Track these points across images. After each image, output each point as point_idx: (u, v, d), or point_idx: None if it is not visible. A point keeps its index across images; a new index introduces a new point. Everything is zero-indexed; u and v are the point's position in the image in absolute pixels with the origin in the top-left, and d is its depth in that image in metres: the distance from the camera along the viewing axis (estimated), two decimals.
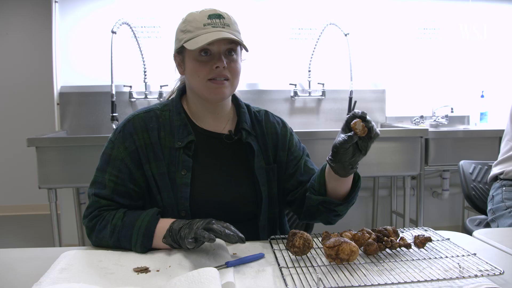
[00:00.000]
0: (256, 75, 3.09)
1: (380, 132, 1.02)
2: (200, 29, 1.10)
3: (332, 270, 0.92)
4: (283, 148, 1.26)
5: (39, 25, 3.89)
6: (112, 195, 1.12)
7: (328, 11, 3.15)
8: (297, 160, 1.27)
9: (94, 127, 2.90)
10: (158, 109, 1.20)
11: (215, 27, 1.10)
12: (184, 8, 2.85)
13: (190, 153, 1.15)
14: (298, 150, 1.29)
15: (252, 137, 1.22)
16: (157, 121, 1.17)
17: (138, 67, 2.92)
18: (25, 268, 0.98)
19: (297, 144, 1.30)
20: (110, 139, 1.17)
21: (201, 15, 1.12)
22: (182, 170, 1.13)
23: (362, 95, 3.14)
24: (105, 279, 0.90)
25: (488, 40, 3.38)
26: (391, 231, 1.06)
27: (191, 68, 1.14)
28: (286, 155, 1.26)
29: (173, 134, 1.16)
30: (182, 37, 1.13)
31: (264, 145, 1.24)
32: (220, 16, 1.12)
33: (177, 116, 1.18)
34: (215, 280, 0.82)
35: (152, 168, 1.14)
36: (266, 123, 1.27)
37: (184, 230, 0.98)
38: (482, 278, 0.87)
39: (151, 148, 1.14)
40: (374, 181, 3.20)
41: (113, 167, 1.13)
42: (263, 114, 1.29)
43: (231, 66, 1.13)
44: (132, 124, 1.16)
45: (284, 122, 1.32)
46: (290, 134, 1.30)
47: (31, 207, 4.05)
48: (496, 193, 1.68)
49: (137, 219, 1.06)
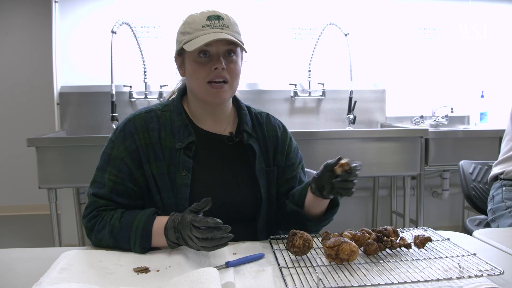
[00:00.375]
0: (256, 75, 3.09)
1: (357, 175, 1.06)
2: (199, 31, 1.10)
3: (332, 270, 0.92)
4: (282, 152, 1.27)
5: (39, 25, 3.89)
6: (110, 194, 1.11)
7: (328, 11, 3.15)
8: (294, 166, 1.28)
9: (94, 127, 2.90)
10: (159, 109, 1.20)
11: (213, 28, 1.10)
12: (184, 8, 2.86)
13: (190, 154, 1.15)
14: (295, 157, 1.30)
15: (253, 139, 1.22)
16: (158, 121, 1.17)
17: (138, 67, 2.92)
18: (25, 268, 0.98)
19: (295, 150, 1.31)
20: (110, 138, 1.17)
21: (201, 16, 1.12)
22: (183, 171, 1.13)
23: (362, 95, 3.14)
24: (105, 279, 0.90)
25: (488, 40, 3.38)
26: (391, 231, 1.06)
27: (190, 70, 1.14)
28: (284, 160, 1.27)
29: (174, 134, 1.16)
30: (182, 38, 1.13)
31: (265, 148, 1.24)
32: (219, 17, 1.12)
33: (177, 116, 1.18)
34: (215, 280, 0.82)
35: (152, 168, 1.14)
36: (268, 126, 1.28)
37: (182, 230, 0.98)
38: (482, 278, 0.87)
39: (152, 148, 1.14)
40: (374, 181, 3.20)
41: (113, 167, 1.13)
42: (264, 116, 1.30)
43: (230, 67, 1.13)
44: (133, 123, 1.16)
45: (284, 127, 1.33)
46: (290, 139, 1.31)
47: (31, 207, 4.05)
48: (496, 193, 1.68)
49: (134, 219, 1.06)
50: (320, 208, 1.16)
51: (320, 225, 1.18)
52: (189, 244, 0.97)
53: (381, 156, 2.61)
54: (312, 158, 2.55)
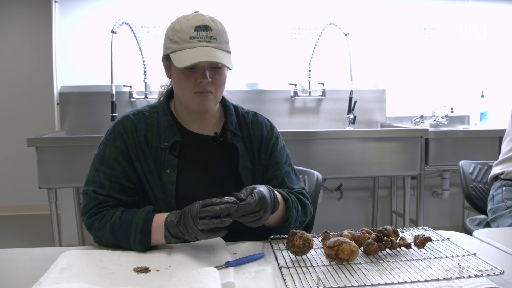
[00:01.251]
0: (256, 75, 3.09)
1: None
2: (186, 43, 1.11)
3: (332, 270, 0.92)
4: (265, 151, 1.27)
5: (39, 25, 3.89)
6: (109, 191, 1.14)
7: (328, 11, 3.15)
8: (278, 166, 1.27)
9: (94, 127, 2.90)
10: (146, 111, 1.24)
11: (201, 41, 1.10)
12: (184, 9, 2.86)
13: (175, 153, 1.18)
14: (280, 156, 1.29)
15: (237, 138, 1.24)
16: (145, 122, 1.21)
17: (138, 67, 2.92)
18: (25, 268, 0.99)
19: (281, 150, 1.30)
20: (102, 141, 1.21)
21: (189, 24, 1.12)
22: (168, 169, 1.17)
23: (362, 95, 3.14)
24: (105, 279, 0.90)
25: (488, 40, 3.38)
26: (391, 231, 1.06)
27: (176, 79, 1.17)
28: (267, 159, 1.27)
29: (160, 135, 1.19)
30: (169, 46, 1.15)
31: (250, 146, 1.25)
32: (207, 27, 1.11)
33: (164, 117, 1.21)
34: (215, 280, 0.82)
35: (143, 166, 1.17)
36: (253, 125, 1.29)
37: (185, 220, 0.99)
38: (482, 278, 0.87)
39: (140, 147, 1.18)
40: (374, 181, 3.20)
41: (107, 167, 1.16)
42: (251, 115, 1.31)
43: (215, 78, 1.14)
44: (122, 124, 1.20)
45: (272, 125, 1.33)
46: (275, 138, 1.30)
47: (31, 207, 4.05)
48: (497, 192, 1.68)
49: (134, 217, 1.08)
50: (273, 221, 1.15)
51: (280, 232, 1.16)
52: (188, 231, 0.97)
53: (381, 156, 2.61)
54: (312, 158, 2.55)
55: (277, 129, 1.34)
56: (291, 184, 1.27)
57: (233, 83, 3.01)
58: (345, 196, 3.17)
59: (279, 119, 3.05)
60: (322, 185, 2.80)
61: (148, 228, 1.05)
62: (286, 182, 1.27)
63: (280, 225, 1.17)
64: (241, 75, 3.07)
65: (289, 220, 1.15)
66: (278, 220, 1.16)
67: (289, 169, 1.30)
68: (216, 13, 1.21)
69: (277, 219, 1.15)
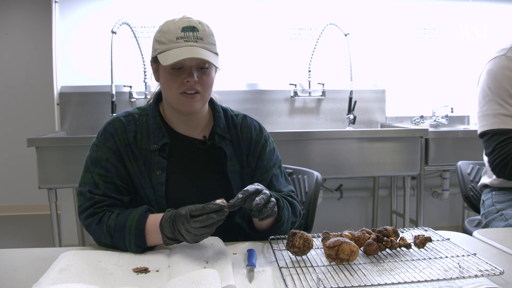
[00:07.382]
0: (256, 75, 3.09)
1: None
2: (173, 43, 1.11)
3: (332, 270, 0.92)
4: (253, 154, 1.27)
5: (39, 25, 3.89)
6: (104, 191, 1.14)
7: (328, 11, 3.15)
8: (266, 169, 1.27)
9: (94, 127, 2.89)
10: (136, 113, 1.24)
11: (187, 41, 1.11)
12: (184, 9, 2.86)
13: (165, 154, 1.19)
14: (269, 159, 1.28)
15: (226, 141, 1.24)
16: (135, 124, 1.22)
17: (138, 67, 2.92)
18: (25, 268, 0.99)
19: (269, 152, 1.30)
20: (93, 143, 1.21)
21: (176, 26, 1.13)
22: (157, 170, 1.17)
23: (362, 95, 3.14)
24: (104, 280, 0.90)
25: (488, 40, 3.38)
26: (391, 231, 1.06)
27: (163, 80, 1.17)
28: (255, 162, 1.27)
29: (149, 137, 1.20)
30: (157, 47, 1.15)
31: (239, 149, 1.26)
32: (194, 28, 1.12)
33: (153, 120, 1.22)
34: (215, 281, 0.82)
35: (133, 166, 1.18)
36: (242, 128, 1.29)
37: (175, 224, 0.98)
38: (482, 278, 0.87)
39: (130, 148, 1.18)
40: (374, 181, 3.20)
41: (100, 168, 1.16)
42: (240, 118, 1.31)
43: (202, 79, 1.15)
44: (113, 126, 1.20)
45: (261, 128, 1.33)
46: (264, 141, 1.30)
47: (31, 207, 4.05)
48: (487, 197, 1.68)
49: (127, 219, 1.07)
50: (262, 225, 1.16)
51: (273, 234, 1.15)
52: (185, 238, 0.97)
53: (381, 156, 2.61)
54: (312, 158, 2.55)
55: (267, 132, 1.34)
56: (280, 187, 1.27)
57: (233, 83, 3.01)
58: (345, 196, 3.16)
59: (279, 119, 3.05)
60: (322, 185, 2.81)
61: (142, 231, 1.04)
62: (275, 185, 1.26)
63: (273, 224, 1.16)
64: (241, 75, 3.07)
65: (282, 219, 1.15)
66: (271, 220, 1.15)
67: (278, 171, 1.29)
68: (216, 13, 1.22)
69: (270, 219, 1.15)
